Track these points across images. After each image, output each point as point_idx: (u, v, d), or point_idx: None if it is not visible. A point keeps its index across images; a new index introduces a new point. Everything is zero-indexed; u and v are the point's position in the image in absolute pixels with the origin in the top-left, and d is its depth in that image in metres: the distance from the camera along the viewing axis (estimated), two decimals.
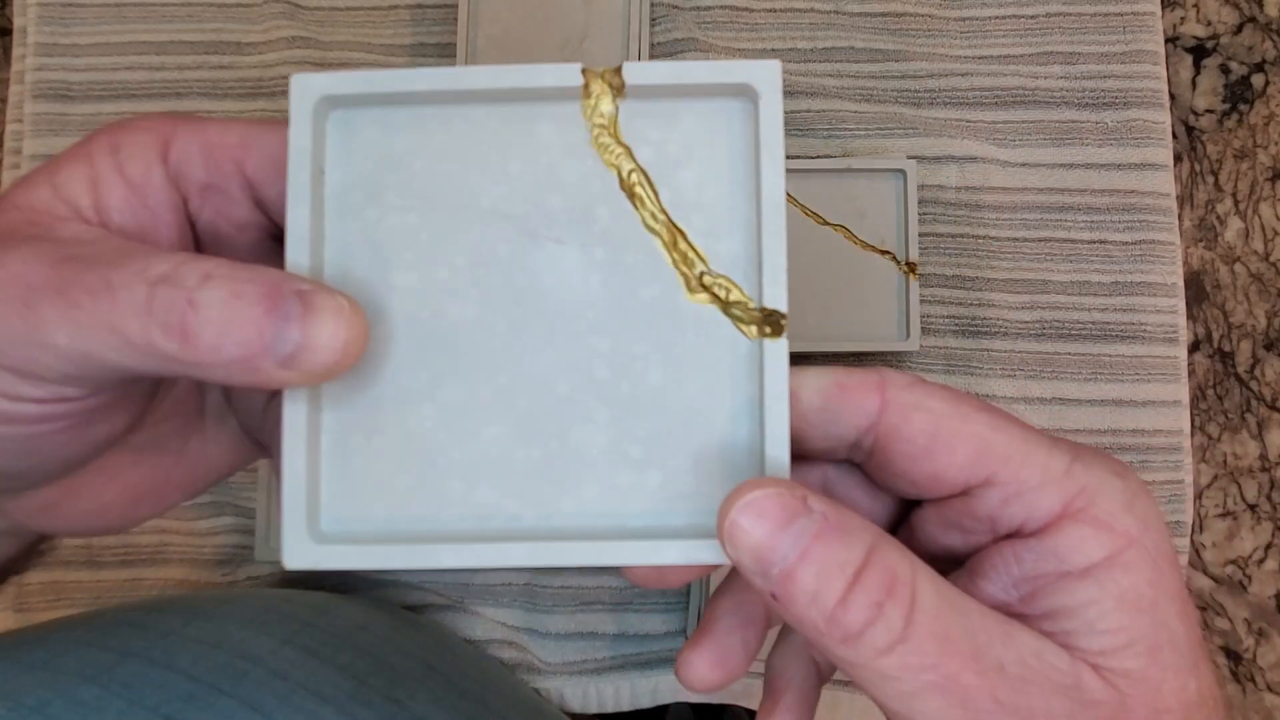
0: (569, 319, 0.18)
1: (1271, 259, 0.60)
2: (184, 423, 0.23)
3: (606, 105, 0.18)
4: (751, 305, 0.18)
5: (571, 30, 0.47)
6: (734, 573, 0.22)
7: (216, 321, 0.16)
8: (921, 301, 0.48)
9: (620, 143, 0.18)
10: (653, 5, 0.51)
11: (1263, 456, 0.59)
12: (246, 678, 0.29)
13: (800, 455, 0.19)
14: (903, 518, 0.21)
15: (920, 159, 0.50)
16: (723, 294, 0.18)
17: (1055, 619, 0.17)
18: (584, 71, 0.18)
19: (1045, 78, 0.51)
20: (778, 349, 0.18)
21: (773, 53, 0.52)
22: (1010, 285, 0.49)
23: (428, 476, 0.19)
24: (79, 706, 0.25)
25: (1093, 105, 0.51)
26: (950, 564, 0.20)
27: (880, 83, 0.51)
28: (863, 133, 0.50)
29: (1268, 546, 0.59)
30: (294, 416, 0.18)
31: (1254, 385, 0.60)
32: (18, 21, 0.53)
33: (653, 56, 0.51)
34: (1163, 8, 0.53)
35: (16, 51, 0.53)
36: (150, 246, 0.19)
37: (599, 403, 0.18)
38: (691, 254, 0.18)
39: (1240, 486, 0.60)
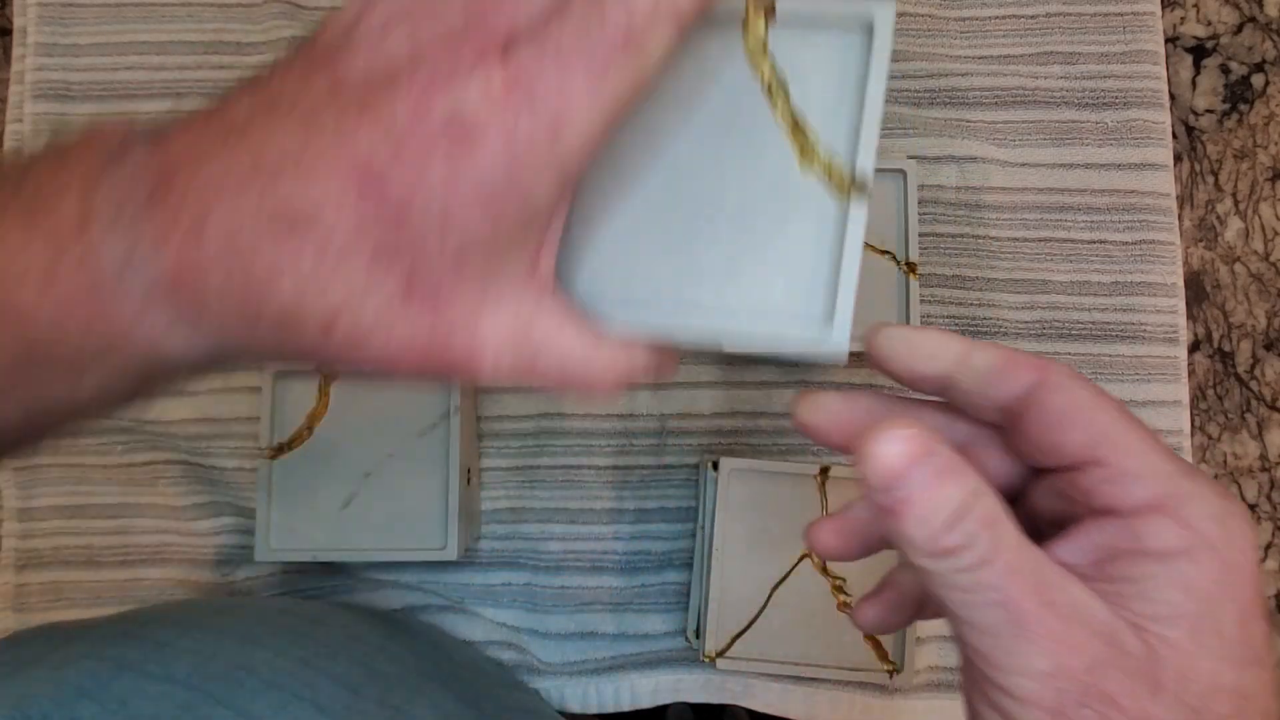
0: (712, 178, 0.25)
1: (1271, 259, 0.60)
2: None
3: (759, 26, 0.24)
4: (846, 173, 0.24)
5: None
6: None
7: None
8: (921, 301, 0.48)
9: (765, 53, 0.24)
10: None
11: (1263, 456, 0.59)
12: (242, 688, 0.29)
13: (958, 409, 0.24)
14: (1024, 486, 0.25)
15: (920, 159, 0.50)
16: (826, 159, 0.24)
17: (1115, 583, 0.20)
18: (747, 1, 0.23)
19: (1045, 78, 0.51)
20: (860, 207, 0.24)
21: None
22: (1010, 285, 0.49)
23: (629, 259, 0.25)
24: None
25: (1093, 105, 0.51)
26: (1052, 529, 0.22)
27: None
28: None
29: (1268, 546, 0.59)
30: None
31: (1254, 385, 0.60)
32: (18, 21, 0.53)
33: None
34: (1163, 8, 0.53)
35: (16, 51, 0.53)
36: None
37: (726, 233, 0.25)
38: (808, 134, 0.24)
39: (1240, 486, 0.60)
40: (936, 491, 0.19)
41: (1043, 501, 0.24)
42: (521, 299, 0.21)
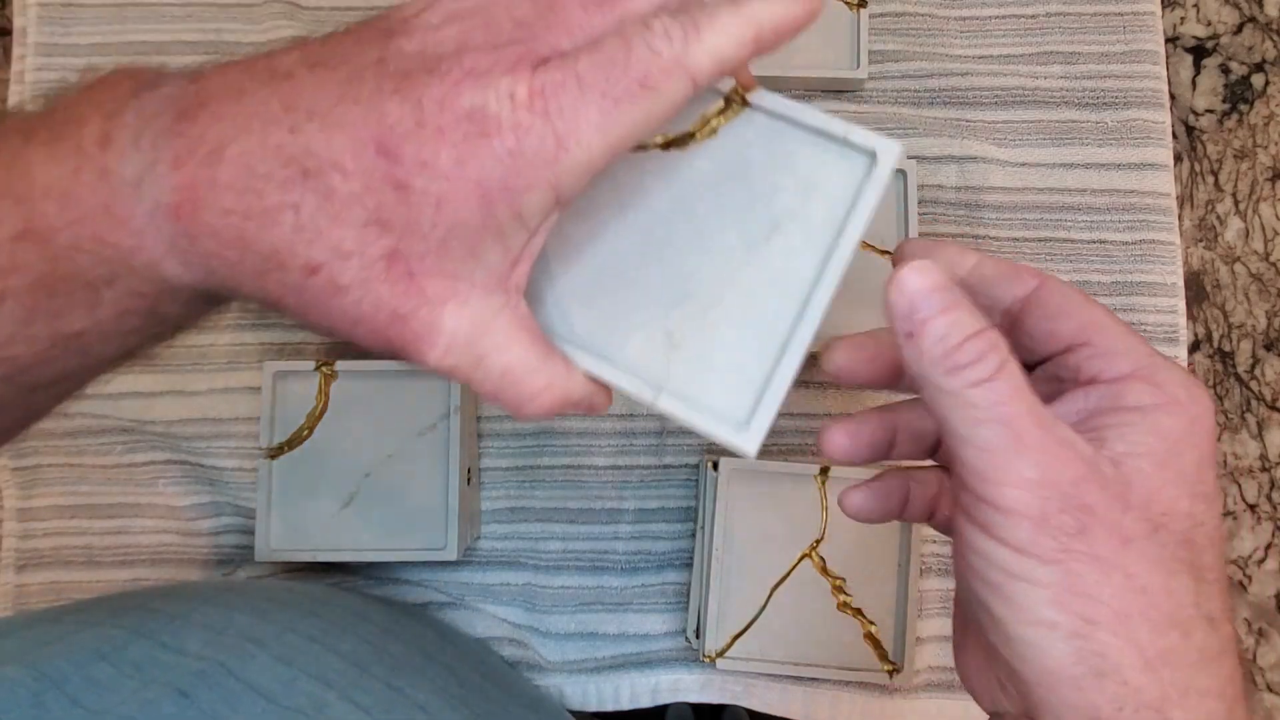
0: (681, 253, 0.25)
1: (1271, 259, 0.60)
2: None
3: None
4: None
5: None
6: (899, 404, 0.29)
7: None
8: None
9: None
10: None
11: (1263, 456, 0.59)
12: (254, 660, 0.29)
13: None
14: None
15: (920, 159, 0.50)
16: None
17: (1098, 430, 0.23)
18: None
19: (1045, 78, 0.51)
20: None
21: None
22: None
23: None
24: (94, 685, 0.26)
25: (1093, 105, 0.51)
26: None
27: (880, 83, 0.51)
28: None
29: (1268, 546, 0.59)
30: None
31: (1254, 385, 0.60)
32: (18, 22, 0.53)
33: None
34: (1163, 8, 0.53)
35: (16, 52, 0.52)
36: None
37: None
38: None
39: (1240, 487, 0.60)
40: (953, 314, 0.22)
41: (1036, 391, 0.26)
42: (488, 301, 0.22)
